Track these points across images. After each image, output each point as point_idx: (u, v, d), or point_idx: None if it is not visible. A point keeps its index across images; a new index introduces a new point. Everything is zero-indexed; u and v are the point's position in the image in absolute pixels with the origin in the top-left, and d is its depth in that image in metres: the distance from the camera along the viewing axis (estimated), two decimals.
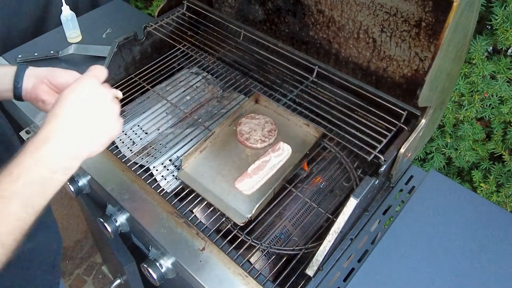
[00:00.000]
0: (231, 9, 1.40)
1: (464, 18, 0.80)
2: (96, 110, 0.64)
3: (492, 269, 0.89)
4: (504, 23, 1.09)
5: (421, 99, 0.84)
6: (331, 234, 0.85)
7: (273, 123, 1.11)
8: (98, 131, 0.64)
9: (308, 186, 1.05)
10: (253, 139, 1.07)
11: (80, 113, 0.62)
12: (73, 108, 0.61)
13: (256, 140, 1.07)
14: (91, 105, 0.63)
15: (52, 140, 0.58)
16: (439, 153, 1.37)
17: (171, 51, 1.33)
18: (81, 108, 0.62)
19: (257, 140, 1.07)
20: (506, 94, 1.19)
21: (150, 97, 1.25)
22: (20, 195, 0.53)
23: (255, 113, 1.14)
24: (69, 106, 0.61)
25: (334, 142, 1.09)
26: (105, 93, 0.66)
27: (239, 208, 0.96)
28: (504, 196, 1.28)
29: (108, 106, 0.66)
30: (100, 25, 1.57)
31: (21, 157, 0.55)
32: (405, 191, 1.04)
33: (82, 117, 0.62)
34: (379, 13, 1.03)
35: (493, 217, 0.98)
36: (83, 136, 0.61)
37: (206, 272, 0.87)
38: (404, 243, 0.93)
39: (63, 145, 0.58)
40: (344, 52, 1.18)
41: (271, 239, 0.94)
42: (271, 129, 1.09)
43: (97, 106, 0.64)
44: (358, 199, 0.85)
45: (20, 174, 0.54)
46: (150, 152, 1.10)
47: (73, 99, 0.62)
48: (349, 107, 1.06)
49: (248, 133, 1.08)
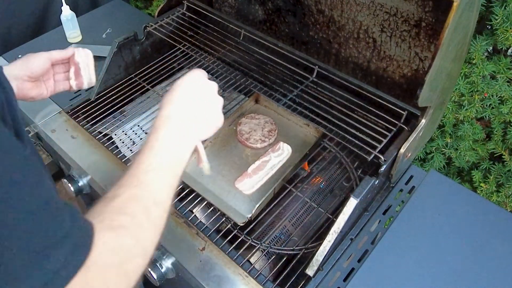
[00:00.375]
0: (231, 9, 1.40)
1: (464, 18, 0.80)
2: (205, 100, 0.71)
3: (492, 268, 0.89)
4: (504, 23, 1.09)
5: (421, 99, 0.84)
6: (331, 234, 0.85)
7: (273, 123, 1.11)
8: (207, 118, 0.70)
9: (308, 186, 1.05)
10: (253, 139, 1.07)
11: (191, 101, 0.69)
12: (185, 95, 0.69)
13: (256, 140, 1.07)
14: (201, 94, 0.70)
15: (172, 121, 0.65)
16: (439, 153, 1.37)
17: (171, 51, 1.33)
18: (192, 96, 0.69)
19: (257, 140, 1.07)
20: (506, 94, 1.19)
21: (150, 97, 1.25)
22: (168, 167, 0.61)
23: (255, 113, 1.14)
24: (182, 94, 0.69)
25: (334, 142, 1.09)
26: (212, 86, 0.72)
27: (239, 208, 0.96)
28: (504, 196, 1.28)
29: (215, 98, 0.72)
30: (100, 25, 1.57)
31: (154, 134, 0.63)
32: (405, 191, 1.04)
33: (194, 104, 0.68)
34: (379, 13, 1.03)
35: (493, 217, 0.98)
36: (195, 119, 0.68)
37: (206, 272, 0.87)
38: (404, 243, 0.93)
39: (180, 125, 0.66)
40: (344, 52, 1.18)
41: (271, 239, 0.94)
42: (271, 129, 1.09)
43: (206, 96, 0.71)
44: (358, 199, 0.85)
45: (161, 148, 0.62)
46: None
47: (185, 88, 0.69)
48: (349, 107, 1.06)
49: (248, 133, 1.08)
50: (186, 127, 0.66)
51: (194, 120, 0.68)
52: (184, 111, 0.67)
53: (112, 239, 0.49)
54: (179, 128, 0.65)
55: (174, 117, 0.66)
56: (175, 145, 0.64)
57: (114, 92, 1.21)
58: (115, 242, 0.49)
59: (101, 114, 1.16)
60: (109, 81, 1.23)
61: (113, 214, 0.52)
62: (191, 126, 0.67)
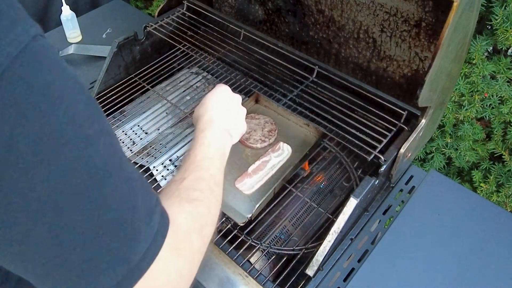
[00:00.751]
0: (231, 9, 1.40)
1: (464, 18, 0.80)
2: (233, 110, 0.89)
3: (493, 269, 0.89)
4: (504, 23, 1.09)
5: (421, 99, 0.84)
6: (331, 234, 0.85)
7: (273, 123, 1.11)
8: (236, 124, 0.88)
9: (308, 186, 1.05)
10: (253, 139, 1.07)
11: (223, 109, 0.86)
12: (218, 105, 0.86)
13: (256, 140, 1.07)
14: (229, 105, 0.88)
15: (214, 123, 0.82)
16: (439, 153, 1.37)
17: (171, 51, 1.32)
18: (223, 105, 0.87)
19: (257, 140, 1.07)
20: (506, 94, 1.19)
21: (150, 97, 1.25)
22: (218, 157, 0.75)
23: (255, 113, 1.14)
24: (215, 104, 0.86)
25: (334, 142, 1.09)
26: (237, 98, 0.91)
27: (239, 208, 0.96)
28: (504, 196, 1.28)
29: (240, 108, 0.91)
30: (100, 25, 1.57)
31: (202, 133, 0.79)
32: (405, 191, 1.04)
33: (226, 112, 0.86)
34: (379, 13, 1.03)
35: (493, 217, 0.98)
36: (229, 124, 0.85)
37: (206, 272, 0.87)
38: (404, 243, 0.93)
39: (221, 127, 0.82)
40: (344, 52, 1.18)
41: (271, 239, 0.94)
42: (271, 129, 1.09)
43: (233, 107, 0.89)
44: (358, 199, 0.85)
45: (210, 143, 0.76)
46: (150, 152, 1.10)
47: (216, 99, 0.88)
48: (349, 107, 1.06)
49: (248, 133, 1.08)
50: (225, 128, 0.83)
51: (229, 124, 0.85)
52: (221, 116, 0.84)
53: (192, 209, 0.59)
54: (220, 129, 0.81)
55: (215, 120, 0.82)
56: (219, 141, 0.79)
57: (114, 92, 1.20)
58: (194, 211, 0.59)
59: None
60: (109, 81, 1.23)
61: (188, 190, 0.62)
62: (228, 129, 0.84)
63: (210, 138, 0.77)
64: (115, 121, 1.18)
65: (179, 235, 0.52)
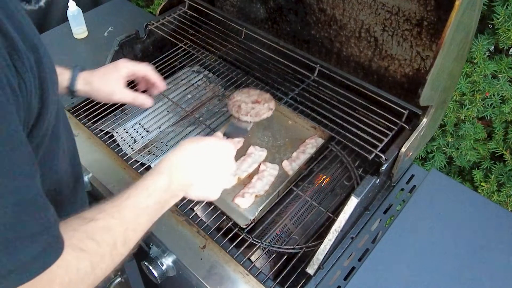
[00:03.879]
0: (233, 8, 1.40)
1: (466, 17, 0.80)
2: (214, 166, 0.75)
3: (493, 268, 0.89)
4: (506, 22, 1.09)
5: (422, 98, 0.84)
6: (331, 232, 0.85)
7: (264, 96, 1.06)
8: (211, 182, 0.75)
9: (309, 185, 1.06)
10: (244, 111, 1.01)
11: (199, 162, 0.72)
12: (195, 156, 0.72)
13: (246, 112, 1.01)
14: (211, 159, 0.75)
15: (175, 173, 0.68)
16: (440, 152, 1.37)
17: (173, 50, 1.33)
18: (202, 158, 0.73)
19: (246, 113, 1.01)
20: (508, 93, 1.19)
21: (151, 96, 1.25)
22: (150, 211, 0.64)
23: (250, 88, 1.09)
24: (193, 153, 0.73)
25: (336, 141, 1.09)
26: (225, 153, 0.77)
27: (242, 210, 0.96)
28: (505, 195, 1.27)
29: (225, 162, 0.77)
30: (102, 23, 1.57)
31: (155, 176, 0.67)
32: (406, 190, 1.04)
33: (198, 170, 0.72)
34: (380, 12, 1.03)
35: (494, 217, 0.98)
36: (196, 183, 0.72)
37: (207, 270, 0.88)
38: (405, 242, 0.93)
39: (180, 186, 0.69)
40: (346, 51, 1.18)
41: (271, 238, 0.94)
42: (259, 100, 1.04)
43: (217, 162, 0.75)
44: (359, 198, 0.85)
45: (153, 193, 0.64)
46: (151, 150, 1.10)
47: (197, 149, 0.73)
48: (350, 105, 1.06)
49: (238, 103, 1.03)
50: (179, 185, 0.69)
51: (188, 182, 0.71)
52: (187, 175, 0.70)
53: (73, 258, 0.51)
54: (178, 188, 0.69)
55: (177, 177, 0.68)
56: (166, 195, 0.67)
57: None
58: (74, 262, 0.51)
59: (102, 112, 1.16)
60: None
61: (83, 236, 0.54)
62: (184, 186, 0.70)
63: (160, 188, 0.66)
64: (117, 119, 1.18)
65: (45, 279, 0.47)
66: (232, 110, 1.01)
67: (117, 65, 0.96)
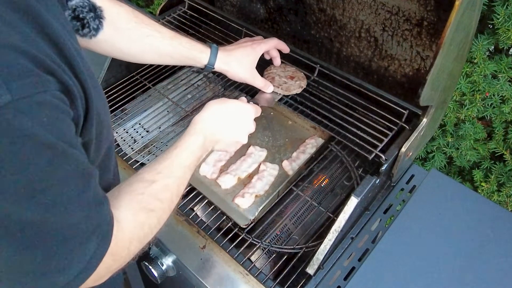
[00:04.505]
0: (233, 8, 1.40)
1: (466, 17, 0.80)
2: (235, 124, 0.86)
3: (493, 268, 0.89)
4: (506, 22, 1.09)
5: (422, 98, 0.84)
6: (331, 233, 0.85)
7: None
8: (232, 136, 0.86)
9: (309, 185, 1.06)
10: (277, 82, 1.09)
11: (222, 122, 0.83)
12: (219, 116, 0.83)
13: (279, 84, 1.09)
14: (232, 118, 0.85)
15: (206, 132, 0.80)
16: (440, 152, 1.37)
17: None
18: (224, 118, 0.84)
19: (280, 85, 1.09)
20: (508, 93, 1.19)
21: (151, 96, 1.25)
22: (193, 166, 0.76)
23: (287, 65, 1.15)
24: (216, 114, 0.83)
25: (335, 141, 1.09)
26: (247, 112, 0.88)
27: (242, 210, 0.96)
28: (505, 195, 1.28)
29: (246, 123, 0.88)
30: None
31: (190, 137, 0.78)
32: (406, 190, 1.04)
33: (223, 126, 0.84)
34: (380, 12, 1.03)
35: (494, 217, 0.98)
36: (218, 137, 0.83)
37: (207, 270, 0.88)
38: (404, 242, 0.93)
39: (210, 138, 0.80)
40: (346, 51, 1.18)
41: (271, 238, 0.94)
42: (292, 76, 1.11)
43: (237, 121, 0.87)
44: (359, 198, 0.85)
45: (194, 151, 0.76)
46: (151, 150, 1.11)
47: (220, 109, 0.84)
48: (351, 106, 1.06)
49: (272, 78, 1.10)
50: (214, 139, 0.82)
51: (217, 138, 0.82)
52: (216, 129, 0.82)
53: (145, 219, 0.62)
54: (208, 139, 0.80)
55: (208, 130, 0.80)
56: (201, 151, 0.78)
57: (115, 90, 1.21)
58: (146, 222, 0.62)
59: None
60: (110, 79, 1.23)
61: (150, 198, 0.64)
62: (213, 142, 0.82)
63: (195, 146, 0.76)
64: (117, 119, 1.18)
65: (120, 244, 0.57)
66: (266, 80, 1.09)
67: (255, 48, 1.01)
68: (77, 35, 0.71)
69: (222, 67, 0.98)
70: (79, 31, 0.74)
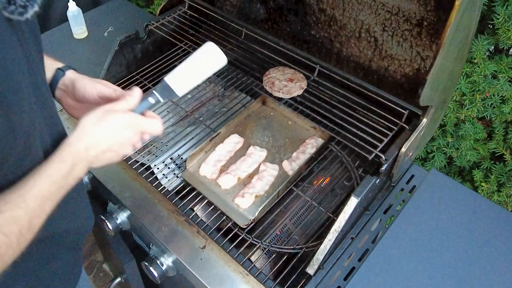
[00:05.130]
0: (233, 8, 1.40)
1: (466, 17, 0.80)
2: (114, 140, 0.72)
3: (493, 268, 0.89)
4: (506, 23, 1.09)
5: (422, 98, 0.84)
6: (331, 233, 0.85)
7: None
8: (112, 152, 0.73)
9: (309, 185, 1.06)
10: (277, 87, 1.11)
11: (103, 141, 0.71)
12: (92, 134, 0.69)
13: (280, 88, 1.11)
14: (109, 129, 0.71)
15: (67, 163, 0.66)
16: (440, 152, 1.37)
17: (173, 50, 1.33)
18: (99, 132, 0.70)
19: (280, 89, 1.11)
20: (508, 93, 1.19)
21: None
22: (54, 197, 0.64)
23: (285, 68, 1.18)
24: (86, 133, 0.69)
25: (335, 141, 1.09)
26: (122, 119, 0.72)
27: (242, 210, 0.96)
28: (505, 195, 1.27)
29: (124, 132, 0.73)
30: (102, 23, 1.57)
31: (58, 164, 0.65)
32: (406, 190, 1.04)
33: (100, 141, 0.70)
34: (380, 12, 1.03)
35: (494, 217, 0.98)
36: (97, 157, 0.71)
37: (207, 270, 0.88)
38: (404, 242, 0.93)
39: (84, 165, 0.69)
40: (346, 51, 1.18)
41: (271, 238, 0.94)
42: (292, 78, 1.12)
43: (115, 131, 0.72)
44: (359, 198, 0.85)
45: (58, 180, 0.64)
46: (151, 151, 1.10)
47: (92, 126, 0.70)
48: (351, 106, 1.06)
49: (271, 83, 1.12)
50: (82, 166, 0.68)
51: (91, 158, 0.70)
52: (90, 162, 0.70)
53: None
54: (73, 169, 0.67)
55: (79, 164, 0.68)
56: (70, 181, 0.67)
57: None
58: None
59: None
60: (110, 80, 1.23)
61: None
62: (88, 163, 0.70)
63: (58, 174, 0.65)
64: None
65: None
66: (266, 85, 1.12)
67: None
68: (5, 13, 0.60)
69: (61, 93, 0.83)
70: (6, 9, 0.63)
